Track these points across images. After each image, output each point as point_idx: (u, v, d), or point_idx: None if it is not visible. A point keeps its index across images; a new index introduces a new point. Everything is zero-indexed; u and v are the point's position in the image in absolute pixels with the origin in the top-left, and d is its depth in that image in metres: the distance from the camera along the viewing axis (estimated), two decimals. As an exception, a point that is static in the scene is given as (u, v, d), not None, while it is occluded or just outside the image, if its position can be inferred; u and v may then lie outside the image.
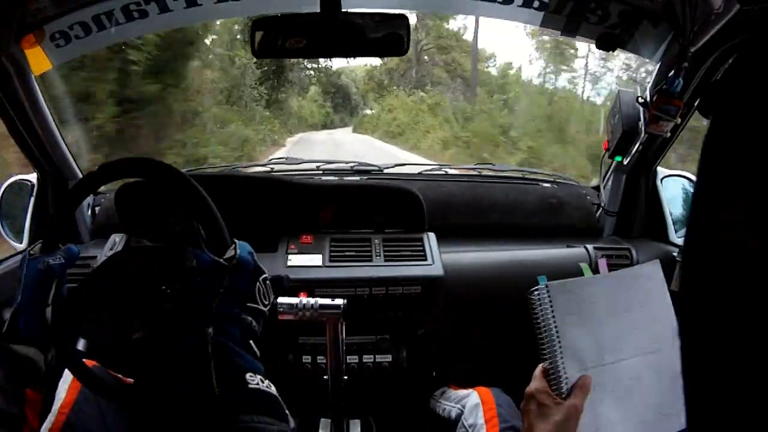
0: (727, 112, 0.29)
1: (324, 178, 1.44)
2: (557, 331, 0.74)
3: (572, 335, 0.75)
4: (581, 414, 0.71)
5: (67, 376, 0.89)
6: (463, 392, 1.10)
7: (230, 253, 0.65)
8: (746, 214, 0.27)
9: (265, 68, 12.07)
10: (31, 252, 0.73)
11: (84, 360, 0.73)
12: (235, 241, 0.68)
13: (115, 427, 0.83)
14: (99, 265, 0.70)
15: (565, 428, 0.71)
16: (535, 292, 0.76)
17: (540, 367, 0.76)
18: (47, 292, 0.71)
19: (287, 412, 0.63)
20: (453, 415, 1.07)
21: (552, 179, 1.52)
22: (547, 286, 0.75)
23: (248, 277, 0.66)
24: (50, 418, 0.84)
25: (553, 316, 0.74)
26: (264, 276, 0.68)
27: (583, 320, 0.75)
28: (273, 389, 0.62)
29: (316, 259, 1.17)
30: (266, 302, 0.67)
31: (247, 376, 0.60)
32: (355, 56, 1.15)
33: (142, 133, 5.74)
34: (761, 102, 0.27)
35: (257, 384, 0.60)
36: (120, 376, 0.76)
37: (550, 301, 0.75)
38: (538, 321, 0.76)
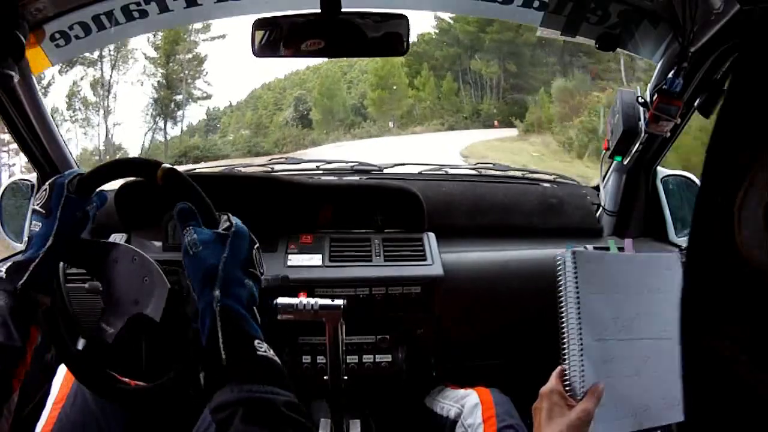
0: (728, 112, 0.29)
1: (324, 177, 1.44)
2: (578, 298, 0.76)
3: (592, 304, 0.76)
4: (592, 419, 0.70)
5: (60, 373, 0.90)
6: (462, 392, 1.10)
7: (225, 223, 0.67)
8: (753, 214, 0.26)
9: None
10: (70, 188, 0.72)
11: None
12: (228, 213, 0.69)
13: (109, 419, 0.83)
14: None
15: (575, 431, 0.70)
16: (560, 258, 0.78)
17: (558, 368, 0.77)
18: (78, 238, 0.74)
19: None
20: (452, 414, 1.07)
21: (552, 179, 1.52)
22: (573, 253, 0.77)
23: (247, 243, 0.66)
24: (44, 414, 0.84)
25: (576, 283, 0.76)
26: (257, 245, 0.68)
27: (605, 292, 0.77)
28: (277, 358, 0.60)
29: (316, 259, 1.17)
30: (262, 270, 0.67)
31: (256, 342, 0.58)
32: (355, 56, 1.15)
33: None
34: (760, 102, 0.27)
35: (264, 351, 0.59)
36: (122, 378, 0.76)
37: (575, 268, 0.76)
38: (560, 286, 0.77)
